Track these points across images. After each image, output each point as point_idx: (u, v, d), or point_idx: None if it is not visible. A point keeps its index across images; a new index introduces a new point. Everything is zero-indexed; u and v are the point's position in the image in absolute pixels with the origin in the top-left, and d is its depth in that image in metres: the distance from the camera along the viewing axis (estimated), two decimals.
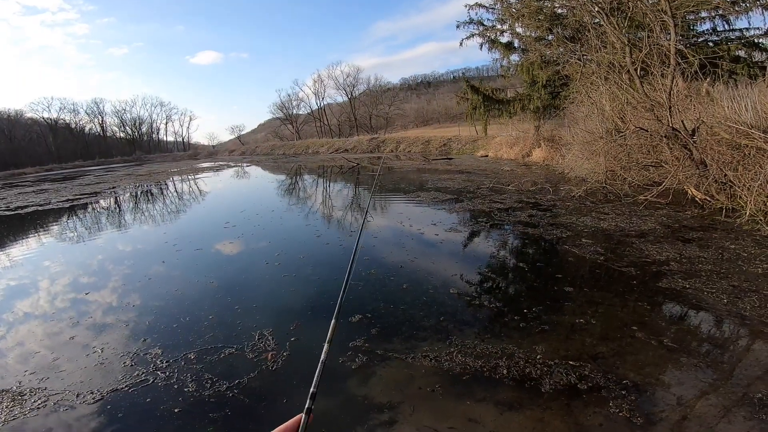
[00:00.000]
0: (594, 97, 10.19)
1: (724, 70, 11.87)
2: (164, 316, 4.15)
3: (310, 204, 11.36)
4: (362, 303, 4.07)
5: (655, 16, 8.96)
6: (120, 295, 4.85)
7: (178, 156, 61.53)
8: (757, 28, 13.02)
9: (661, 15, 8.71)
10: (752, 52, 13.20)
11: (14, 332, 4.08)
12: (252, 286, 4.93)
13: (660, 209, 6.95)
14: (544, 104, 16.82)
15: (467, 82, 20.21)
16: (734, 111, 6.73)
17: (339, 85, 55.43)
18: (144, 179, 23.84)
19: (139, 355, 3.40)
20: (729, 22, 13.24)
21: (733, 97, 7.00)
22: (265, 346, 3.35)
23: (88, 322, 4.16)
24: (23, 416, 2.71)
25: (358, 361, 3.08)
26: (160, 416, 2.63)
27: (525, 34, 16.56)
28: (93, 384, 3.02)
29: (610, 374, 2.70)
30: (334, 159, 29.14)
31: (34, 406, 2.80)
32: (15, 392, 2.98)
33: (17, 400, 2.88)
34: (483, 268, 5.00)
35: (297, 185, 16.87)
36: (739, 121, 6.45)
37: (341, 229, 7.66)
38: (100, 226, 10.01)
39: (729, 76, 11.80)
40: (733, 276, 4.04)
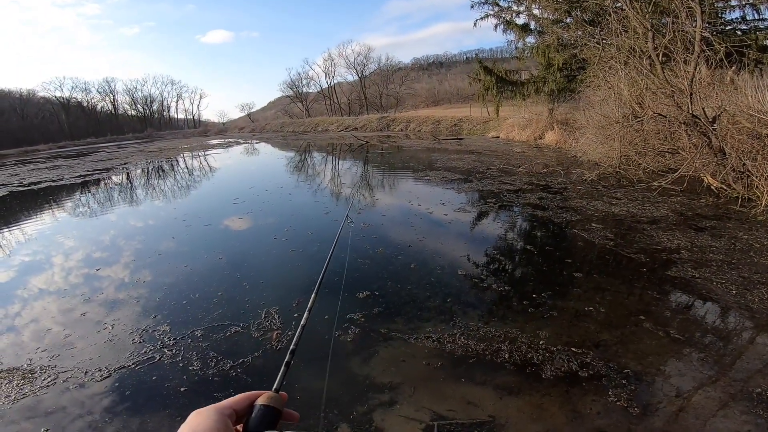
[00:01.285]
0: (612, 81, 9.86)
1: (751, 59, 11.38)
2: (174, 292, 4.22)
3: (318, 181, 11.36)
4: (368, 281, 4.10)
5: (681, 3, 8.56)
6: (131, 271, 4.94)
7: (188, 133, 61.64)
8: None
9: (687, 2, 8.34)
10: None
11: (29, 308, 4.19)
12: (260, 262, 4.99)
13: (674, 196, 6.81)
14: (559, 87, 16.35)
15: (480, 63, 19.66)
16: (758, 100, 6.46)
17: (350, 64, 54.54)
18: (155, 155, 24.00)
19: (147, 332, 3.47)
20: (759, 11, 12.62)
21: (758, 87, 6.71)
22: (271, 325, 3.40)
23: (99, 298, 4.26)
24: (33, 394, 2.78)
25: (360, 341, 3.12)
26: (165, 395, 2.69)
27: (542, 16, 15.99)
28: (102, 361, 3.10)
29: (612, 363, 2.70)
30: (343, 137, 28.92)
31: (43, 384, 2.87)
32: (26, 370, 3.06)
33: (27, 378, 2.95)
34: (490, 250, 4.98)
35: (306, 162, 16.83)
36: (762, 110, 6.21)
37: (349, 207, 7.67)
38: (112, 202, 10.15)
39: (755, 65, 11.33)
40: (744, 267, 3.97)
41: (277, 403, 0.52)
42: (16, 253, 6.22)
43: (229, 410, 0.49)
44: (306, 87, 60.54)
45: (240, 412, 0.51)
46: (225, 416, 0.48)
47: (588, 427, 2.23)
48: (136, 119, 68.83)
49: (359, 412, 2.42)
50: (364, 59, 53.35)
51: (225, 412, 0.48)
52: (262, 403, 0.52)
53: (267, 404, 0.52)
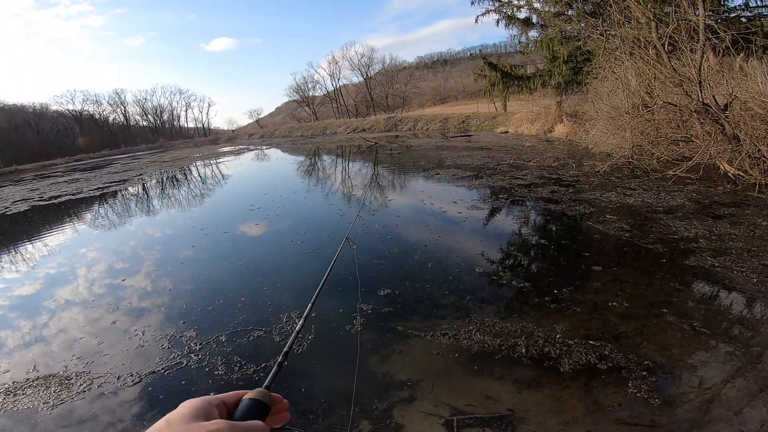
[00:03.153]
0: (618, 72, 9.75)
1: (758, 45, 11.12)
2: (198, 299, 4.34)
3: (330, 184, 11.46)
4: (384, 281, 4.15)
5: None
6: (155, 280, 5.09)
7: (199, 141, 62.64)
8: None
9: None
10: None
11: (57, 319, 4.34)
12: (279, 265, 5.08)
13: (690, 184, 6.71)
14: (565, 80, 16.22)
15: (484, 59, 19.62)
16: None
17: (354, 66, 54.69)
18: (168, 165, 24.47)
19: (175, 338, 3.58)
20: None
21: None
22: (291, 329, 3.48)
23: (127, 307, 4.40)
24: (70, 400, 2.90)
25: (378, 339, 3.18)
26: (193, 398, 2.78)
27: (543, 9, 15.87)
28: (133, 367, 3.22)
29: (632, 354, 2.70)
30: (351, 139, 29.06)
31: (80, 390, 3.00)
32: (62, 376, 3.19)
33: (64, 384, 3.08)
34: (504, 246, 4.99)
35: (317, 166, 16.98)
36: None
37: (362, 208, 7.74)
38: (130, 213, 10.42)
39: (763, 51, 11.06)
40: (765, 254, 3.91)
41: (265, 398, 0.54)
42: (42, 266, 6.44)
43: (217, 401, 0.53)
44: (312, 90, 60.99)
45: (230, 406, 0.54)
46: (212, 405, 0.52)
47: (609, 418, 2.24)
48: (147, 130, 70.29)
49: (380, 410, 2.48)
50: (368, 60, 53.54)
51: (213, 402, 0.52)
52: (250, 397, 0.54)
53: (254, 398, 0.54)
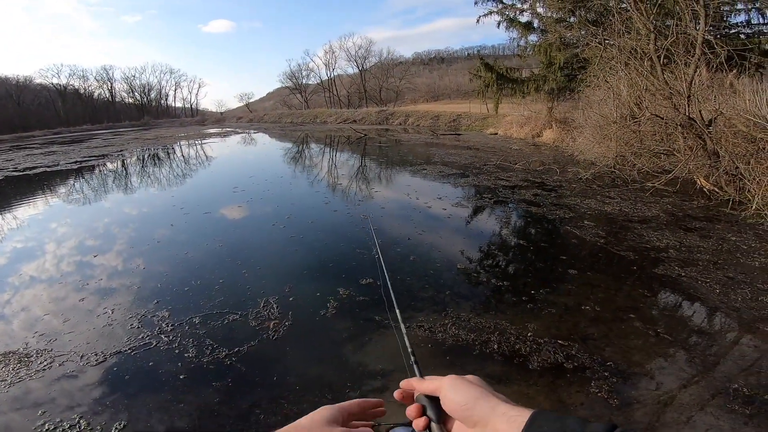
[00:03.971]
0: (612, 81, 9.93)
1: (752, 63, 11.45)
2: (175, 279, 4.26)
3: (318, 172, 11.40)
4: (364, 271, 4.17)
5: (686, 5, 8.60)
6: (127, 259, 4.98)
7: (185, 121, 61.28)
8: None
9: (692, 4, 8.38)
10: None
11: (20, 296, 4.19)
12: (260, 249, 5.04)
13: (666, 197, 6.91)
14: (559, 86, 16.39)
15: (481, 60, 19.65)
16: (755, 104, 6.54)
17: (350, 57, 54.28)
18: (151, 143, 23.87)
19: (147, 317, 3.52)
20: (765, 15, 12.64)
21: (756, 91, 6.78)
22: (269, 315, 3.46)
23: (95, 285, 4.28)
24: (29, 378, 2.81)
25: (355, 327, 3.20)
26: (160, 381, 2.73)
27: (546, 14, 15.98)
28: (98, 346, 3.13)
29: (596, 356, 2.79)
30: (341, 129, 28.85)
31: (39, 368, 2.91)
32: (22, 354, 3.08)
33: (24, 362, 2.98)
34: (485, 245, 5.06)
35: (305, 153, 16.83)
36: (758, 114, 6.29)
37: (348, 198, 7.74)
38: (107, 189, 10.14)
39: (756, 69, 11.40)
40: (730, 267, 4.07)
41: None
42: (9, 239, 6.23)
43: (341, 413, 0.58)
44: (306, 78, 60.22)
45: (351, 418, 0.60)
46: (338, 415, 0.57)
47: None
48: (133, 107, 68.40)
49: (352, 398, 2.49)
50: (365, 52, 53.13)
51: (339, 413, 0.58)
52: None
53: None
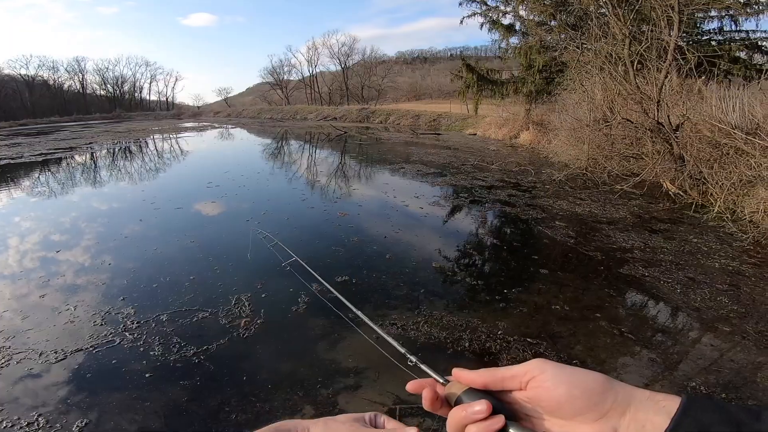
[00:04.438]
0: (587, 85, 10.21)
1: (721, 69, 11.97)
2: (143, 276, 4.13)
3: (295, 168, 11.29)
4: (340, 268, 4.16)
5: (662, 11, 8.92)
6: (95, 254, 4.79)
7: (160, 115, 59.54)
8: (764, 31, 12.94)
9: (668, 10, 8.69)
10: (753, 53, 13.18)
11: None
12: (234, 246, 4.93)
13: (634, 199, 7.17)
14: (537, 88, 16.74)
15: (463, 61, 19.89)
16: (721, 110, 6.83)
17: (333, 54, 53.80)
18: (122, 136, 23.08)
19: (111, 314, 3.40)
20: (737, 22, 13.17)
21: (723, 97, 7.09)
22: (240, 312, 3.39)
23: (60, 281, 4.11)
24: None
25: (328, 326, 3.18)
26: (124, 379, 2.64)
27: (528, 17, 16.29)
28: (59, 343, 3.01)
29: (564, 354, 2.87)
30: (321, 126, 28.63)
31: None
32: None
33: None
34: (460, 244, 5.13)
35: (283, 150, 16.62)
36: (723, 120, 6.58)
37: (325, 195, 7.71)
38: (75, 182, 9.74)
39: (725, 75, 11.93)
40: (690, 268, 4.26)
41: None
42: None
43: None
44: (287, 74, 59.53)
45: None
46: None
47: None
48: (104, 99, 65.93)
49: (323, 395, 2.49)
50: (348, 50, 52.91)
51: None
52: None
53: None
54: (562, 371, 0.41)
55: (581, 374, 0.40)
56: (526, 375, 0.41)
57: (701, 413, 0.35)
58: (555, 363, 0.42)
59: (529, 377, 0.41)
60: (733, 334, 3.12)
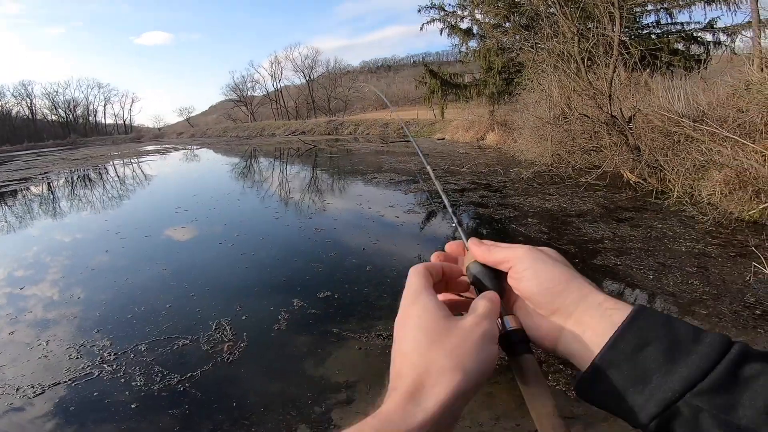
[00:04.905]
0: (544, 84, 10.64)
1: (663, 61, 12.75)
2: (115, 307, 3.95)
3: (267, 186, 11.12)
4: (320, 285, 4.10)
5: (605, 7, 9.43)
6: (62, 289, 4.55)
7: (118, 139, 57.50)
8: (698, 23, 13.74)
9: (609, 6, 9.19)
10: (690, 45, 14.02)
11: None
12: (209, 270, 4.80)
13: (598, 191, 7.48)
14: (498, 90, 17.27)
15: (426, 67, 20.29)
16: (668, 100, 7.27)
17: (297, 67, 53.85)
18: (80, 163, 22.09)
19: (85, 347, 3.24)
20: (672, 15, 14.07)
21: (668, 88, 7.55)
22: (222, 337, 3.29)
23: (28, 317, 3.89)
24: None
25: (314, 342, 3.14)
26: (107, 411, 2.54)
27: (484, 20, 16.84)
28: (35, 378, 2.88)
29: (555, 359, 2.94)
30: (290, 141, 28.41)
31: None
32: None
33: None
34: (439, 248, 5.15)
35: (252, 168, 16.37)
36: (671, 110, 7.00)
37: (300, 211, 7.62)
38: (33, 215, 9.22)
39: (667, 67, 12.71)
40: (659, 254, 4.48)
41: None
42: None
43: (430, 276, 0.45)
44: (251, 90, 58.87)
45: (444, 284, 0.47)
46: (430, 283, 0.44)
47: None
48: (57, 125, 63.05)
49: (317, 413, 2.45)
50: (312, 62, 53.07)
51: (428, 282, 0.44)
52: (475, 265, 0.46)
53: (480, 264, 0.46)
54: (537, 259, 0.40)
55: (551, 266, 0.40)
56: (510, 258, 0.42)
57: (645, 329, 0.33)
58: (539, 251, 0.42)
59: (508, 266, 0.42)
60: (710, 316, 3.23)
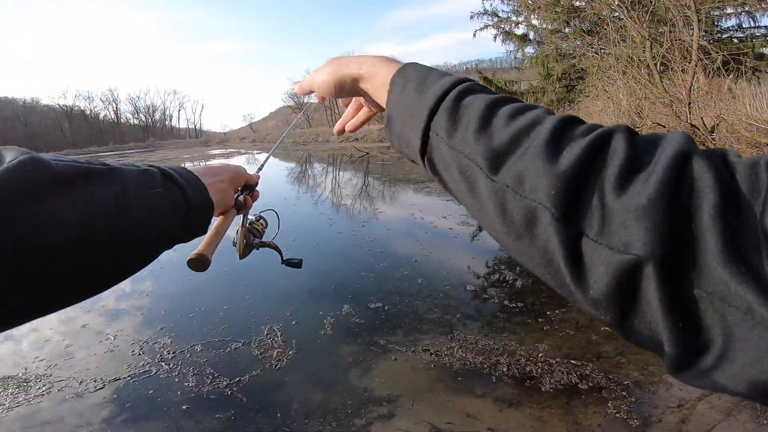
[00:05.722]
0: (610, 91, 9.98)
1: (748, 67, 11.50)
2: (179, 304, 4.22)
3: (320, 192, 11.41)
4: (370, 294, 4.10)
5: (678, 11, 8.70)
6: (133, 281, 4.93)
7: (189, 143, 62.37)
8: None
9: (684, 10, 8.47)
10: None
11: None
12: (264, 273, 4.95)
13: None
14: (558, 97, 16.51)
15: (480, 74, 19.90)
16: (756, 109, 6.52)
17: None
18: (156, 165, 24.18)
19: (148, 344, 3.46)
20: (755, 18, 12.77)
21: (756, 95, 6.77)
22: (272, 343, 3.35)
23: (101, 308, 4.26)
24: (27, 403, 2.79)
25: (359, 352, 3.12)
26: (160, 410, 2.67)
27: (541, 26, 16.22)
28: (99, 372, 3.10)
29: (612, 374, 2.70)
30: (344, 148, 29.12)
31: (38, 393, 2.88)
32: (21, 379, 3.06)
33: (22, 387, 2.96)
34: (494, 263, 4.97)
35: (307, 173, 16.94)
36: (760, 119, 6.26)
37: (352, 219, 7.68)
38: None
39: (752, 73, 11.45)
40: None
41: None
42: None
43: None
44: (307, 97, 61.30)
45: None
46: None
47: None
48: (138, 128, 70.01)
49: (357, 426, 2.42)
50: None
51: None
52: None
53: None
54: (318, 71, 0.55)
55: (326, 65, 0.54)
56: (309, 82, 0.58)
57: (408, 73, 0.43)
58: None
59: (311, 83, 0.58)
60: None
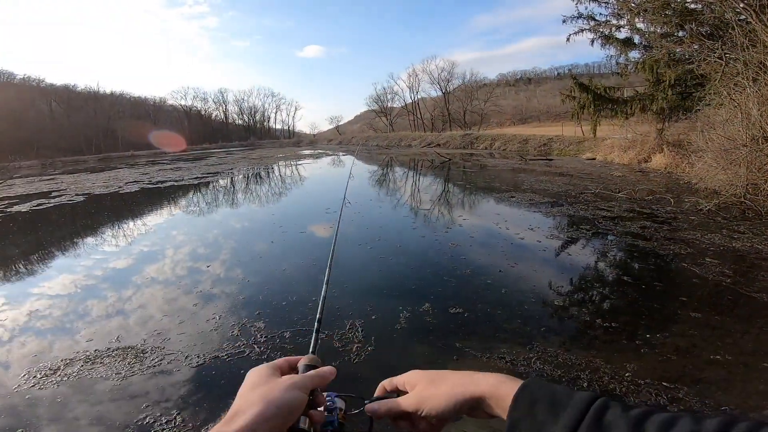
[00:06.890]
0: (738, 99, 8.66)
1: None
2: (275, 293, 4.53)
3: (404, 196, 11.60)
4: (449, 299, 4.12)
5: None
6: (239, 272, 5.36)
7: (283, 143, 67.77)
8: None
9: None
10: None
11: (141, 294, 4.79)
12: (349, 270, 5.18)
13: None
14: (670, 105, 14.72)
15: (575, 80, 18.59)
16: None
17: (433, 80, 54.97)
18: (256, 162, 26.74)
19: (245, 327, 3.76)
20: None
21: None
22: (353, 337, 3.45)
23: (204, 291, 4.71)
24: (140, 372, 3.14)
25: (436, 354, 3.16)
26: None
27: (648, 30, 14.59)
28: (201, 349, 3.41)
29: (709, 400, 2.41)
30: (425, 153, 29.18)
31: (150, 364, 3.23)
32: (138, 350, 3.47)
33: (139, 357, 3.35)
34: (582, 279, 4.65)
35: (390, 177, 17.34)
36: None
37: (436, 224, 7.65)
38: (218, 203, 11.55)
39: None
40: None
41: (317, 363, 0.63)
42: (137, 243, 7.21)
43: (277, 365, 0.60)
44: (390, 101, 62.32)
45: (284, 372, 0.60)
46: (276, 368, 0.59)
47: None
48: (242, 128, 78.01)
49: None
50: (448, 75, 53.57)
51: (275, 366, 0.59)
52: (305, 363, 0.62)
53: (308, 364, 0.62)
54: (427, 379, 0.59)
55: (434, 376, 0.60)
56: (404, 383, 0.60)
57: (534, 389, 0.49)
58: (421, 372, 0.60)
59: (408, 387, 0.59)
60: None
